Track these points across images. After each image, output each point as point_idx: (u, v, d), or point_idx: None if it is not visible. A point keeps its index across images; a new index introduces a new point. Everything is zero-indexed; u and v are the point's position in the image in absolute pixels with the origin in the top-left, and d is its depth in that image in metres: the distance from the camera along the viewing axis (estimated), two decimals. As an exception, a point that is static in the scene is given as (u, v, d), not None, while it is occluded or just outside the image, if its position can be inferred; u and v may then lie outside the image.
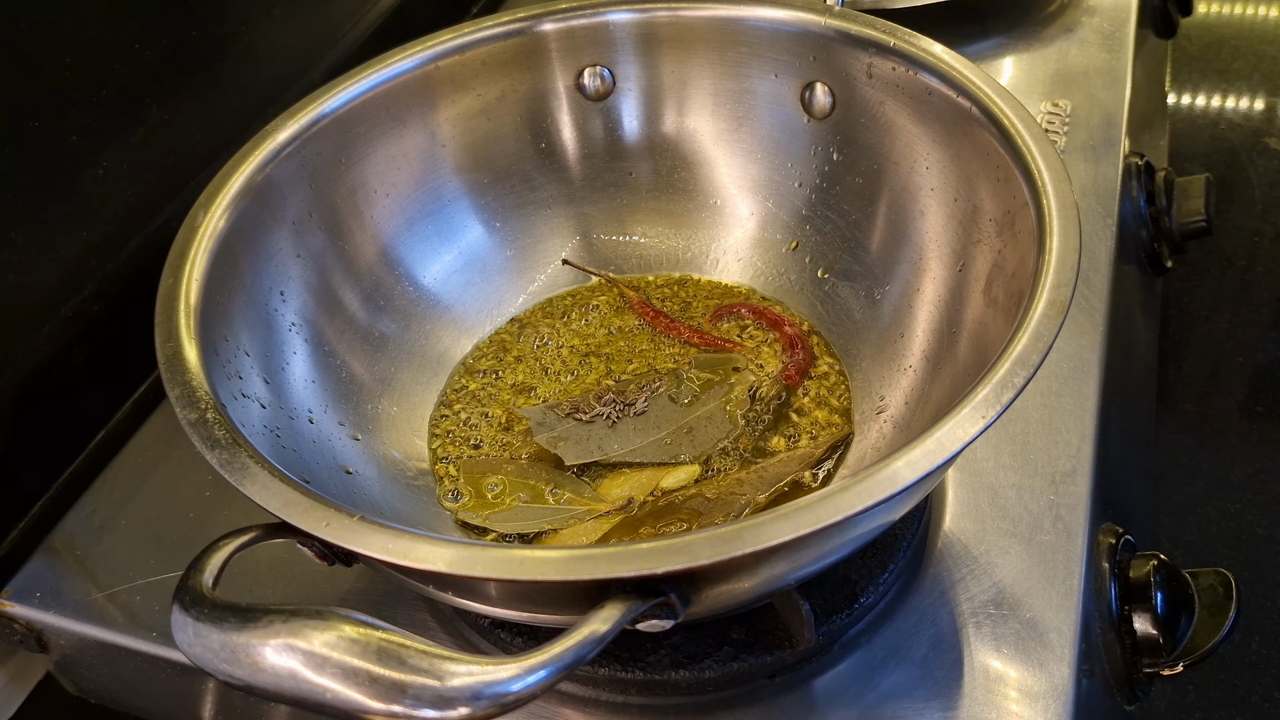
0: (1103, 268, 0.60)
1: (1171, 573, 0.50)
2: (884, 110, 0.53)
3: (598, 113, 0.61)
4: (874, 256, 0.55)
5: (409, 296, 0.57)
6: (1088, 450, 0.51)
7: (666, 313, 0.59)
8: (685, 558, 0.30)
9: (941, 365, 0.48)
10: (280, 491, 0.35)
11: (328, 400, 0.50)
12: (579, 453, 0.51)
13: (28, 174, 0.51)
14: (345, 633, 0.29)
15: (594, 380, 0.56)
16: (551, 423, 0.53)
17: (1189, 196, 0.74)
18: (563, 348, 0.58)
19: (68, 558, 0.53)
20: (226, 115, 0.63)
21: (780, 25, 0.55)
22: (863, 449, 0.50)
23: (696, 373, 0.55)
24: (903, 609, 0.46)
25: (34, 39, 0.50)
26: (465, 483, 0.51)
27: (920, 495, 0.44)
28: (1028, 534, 0.48)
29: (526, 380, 0.56)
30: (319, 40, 0.71)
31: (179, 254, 0.45)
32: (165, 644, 0.49)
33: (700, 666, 0.43)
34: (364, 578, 0.50)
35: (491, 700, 0.28)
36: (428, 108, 0.57)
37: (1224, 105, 1.24)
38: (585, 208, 0.62)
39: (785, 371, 0.54)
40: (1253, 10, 1.38)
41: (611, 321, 0.59)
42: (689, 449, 0.51)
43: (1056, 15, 0.80)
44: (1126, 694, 0.50)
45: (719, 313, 0.59)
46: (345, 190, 0.55)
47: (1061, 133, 0.69)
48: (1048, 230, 0.40)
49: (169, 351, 0.40)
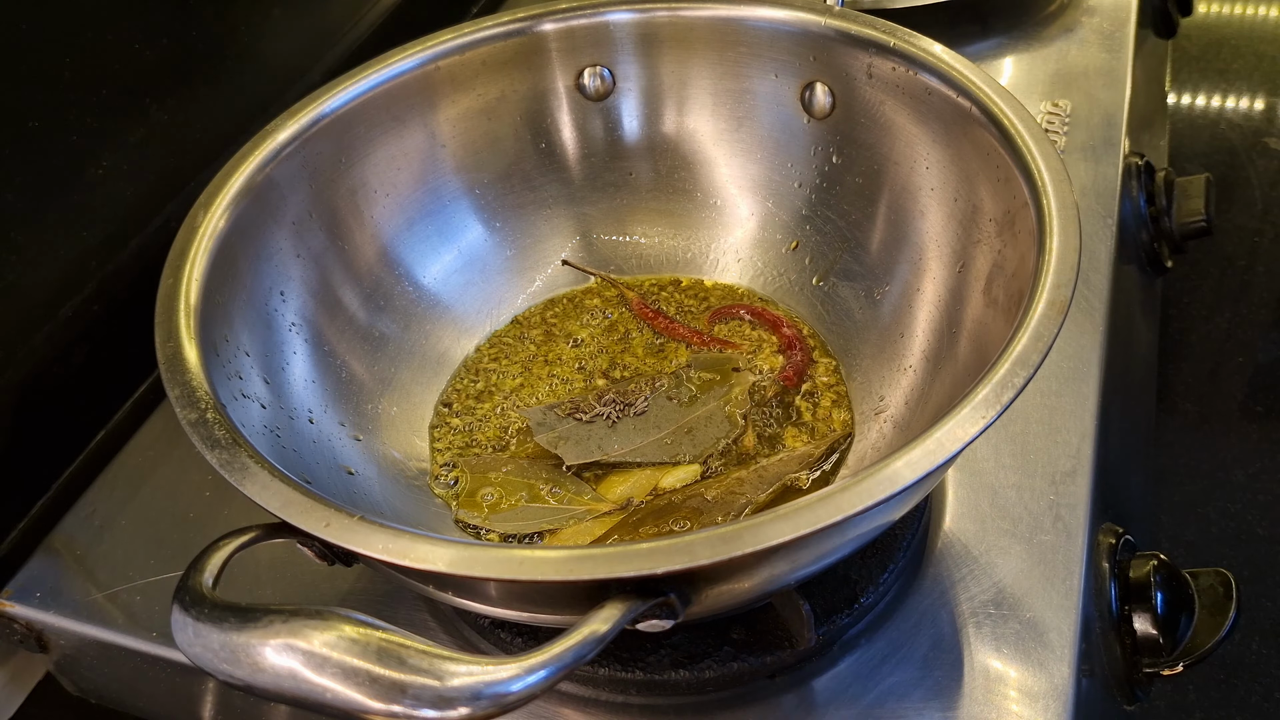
0: (1103, 268, 0.60)
1: (1171, 573, 0.50)
2: (884, 110, 0.53)
3: (598, 113, 0.61)
4: (874, 256, 0.55)
5: (409, 296, 0.57)
6: (1088, 450, 0.51)
7: (665, 313, 0.59)
8: (685, 558, 0.30)
9: (941, 365, 0.48)
10: (280, 491, 0.35)
11: (328, 400, 0.50)
12: (579, 452, 0.51)
13: (28, 174, 0.51)
14: (345, 633, 0.29)
15: (594, 380, 0.56)
16: (552, 423, 0.53)
17: (1189, 196, 0.74)
18: (563, 348, 0.58)
19: (68, 558, 0.53)
20: (226, 115, 0.63)
21: (780, 25, 0.55)
22: (863, 449, 0.50)
23: (696, 373, 0.55)
24: (903, 609, 0.46)
25: (34, 39, 0.50)
26: (465, 484, 0.51)
27: (920, 495, 0.44)
28: (1028, 534, 0.48)
29: (526, 380, 0.56)
30: (319, 40, 0.71)
31: (179, 254, 0.45)
32: (165, 644, 0.49)
33: (700, 666, 0.43)
34: (364, 578, 0.50)
35: (491, 700, 0.28)
36: (428, 108, 0.57)
37: (1224, 105, 1.24)
38: (585, 208, 0.62)
39: (783, 373, 0.54)
40: (1253, 10, 1.38)
41: (611, 322, 0.59)
42: (689, 448, 0.51)
43: (1056, 15, 0.80)
44: (1126, 694, 0.50)
45: (718, 314, 0.59)
46: (345, 190, 0.55)
47: (1061, 133, 0.69)
48: (1048, 230, 0.40)
49: (169, 351, 0.40)
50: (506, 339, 0.59)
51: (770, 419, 0.53)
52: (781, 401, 0.53)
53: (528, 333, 0.59)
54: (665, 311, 0.59)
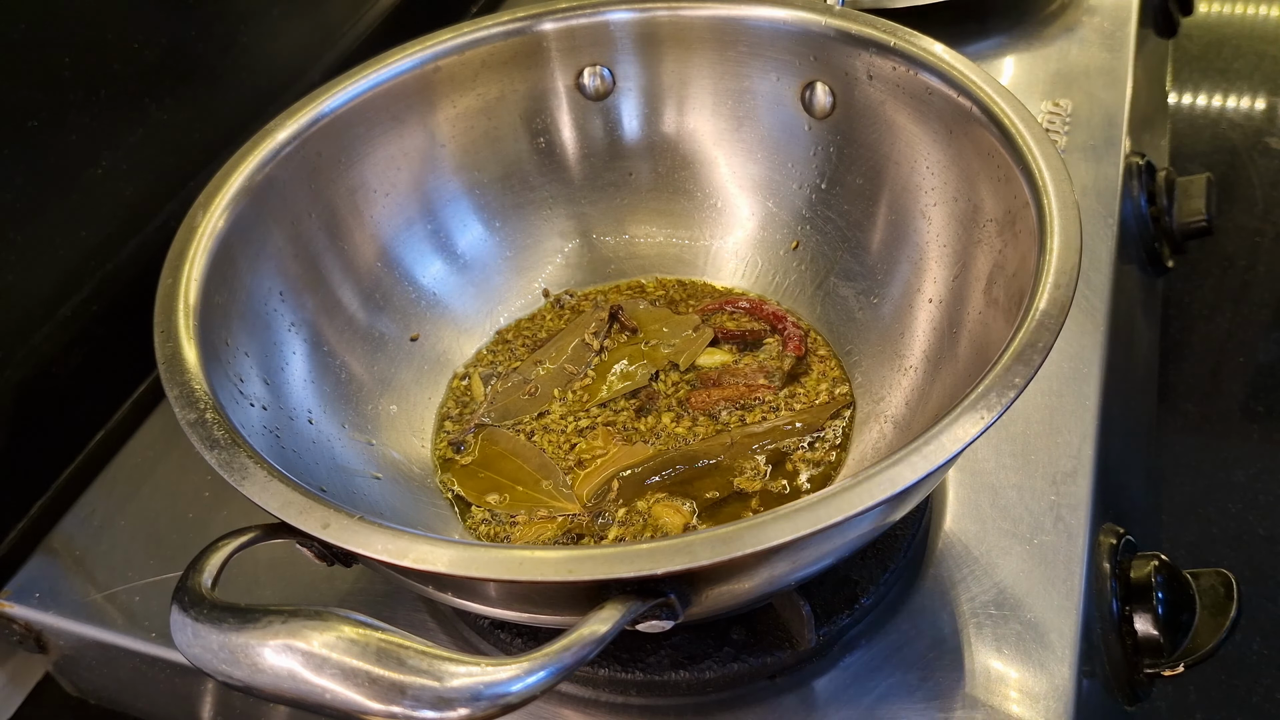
0: (1104, 267, 0.60)
1: (1172, 573, 0.50)
2: (884, 110, 0.53)
3: (598, 112, 0.61)
4: (874, 256, 0.55)
5: (409, 296, 0.57)
6: (1089, 450, 0.51)
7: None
8: (685, 558, 0.30)
9: (942, 365, 0.48)
10: (279, 492, 0.35)
11: (327, 400, 0.50)
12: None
13: (27, 174, 0.51)
14: (344, 633, 0.29)
15: (594, 380, 0.56)
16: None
17: (1190, 196, 0.74)
18: (563, 348, 0.58)
19: (67, 558, 0.53)
20: (226, 115, 0.63)
21: (780, 25, 0.55)
22: (863, 449, 0.50)
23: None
24: (903, 610, 0.46)
25: (34, 39, 0.50)
26: (472, 452, 0.52)
27: (920, 496, 0.44)
28: (1028, 534, 0.48)
29: (527, 380, 0.56)
30: (319, 40, 0.71)
31: (178, 254, 0.45)
32: (164, 644, 0.49)
33: (700, 667, 0.43)
34: (363, 578, 0.50)
35: (491, 701, 0.28)
36: (427, 108, 0.57)
37: (1225, 105, 1.24)
38: (585, 208, 0.62)
39: (793, 345, 0.55)
40: (1254, 10, 1.38)
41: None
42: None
43: (1057, 15, 0.80)
44: (1127, 695, 0.50)
45: (711, 310, 0.58)
46: (345, 190, 0.54)
47: (1062, 132, 0.69)
48: (1048, 230, 0.40)
49: (168, 351, 0.40)
50: (507, 338, 0.59)
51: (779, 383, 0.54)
52: (791, 374, 0.54)
53: (528, 332, 0.59)
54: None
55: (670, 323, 0.58)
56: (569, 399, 0.55)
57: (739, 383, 0.53)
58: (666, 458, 0.50)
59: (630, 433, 0.53)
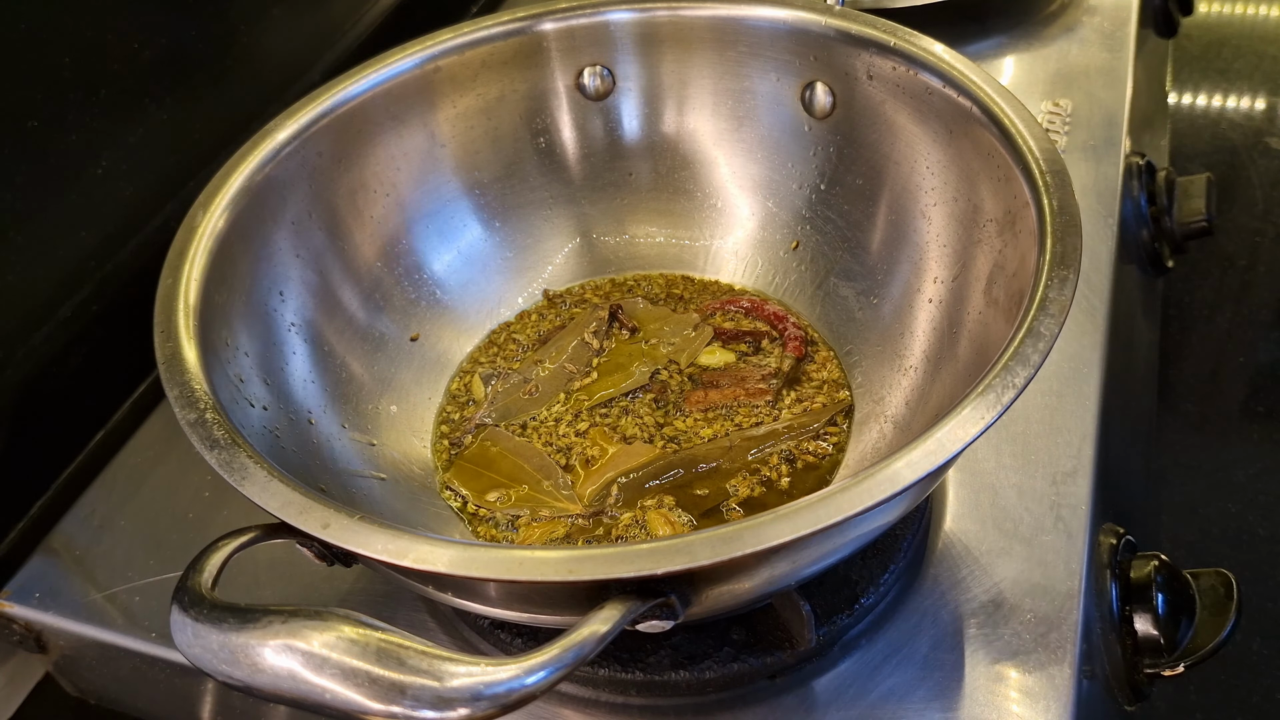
0: (1104, 267, 0.60)
1: (1172, 573, 0.50)
2: (884, 110, 0.53)
3: (598, 112, 0.61)
4: (874, 256, 0.55)
5: (409, 296, 0.57)
6: (1089, 450, 0.51)
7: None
8: (685, 558, 0.30)
9: (942, 365, 0.48)
10: (279, 492, 0.34)
11: (327, 400, 0.50)
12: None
13: (28, 174, 0.51)
14: (344, 633, 0.29)
15: (594, 379, 0.56)
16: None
17: (1190, 196, 0.74)
18: (563, 347, 0.58)
19: (67, 558, 0.53)
20: (226, 115, 0.63)
21: (780, 25, 0.55)
22: (863, 449, 0.50)
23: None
24: (903, 609, 0.46)
25: (33, 39, 0.50)
26: (471, 448, 0.53)
27: (920, 496, 0.44)
28: (1029, 534, 0.48)
29: (527, 380, 0.56)
30: (319, 40, 0.71)
31: (178, 254, 0.45)
32: (164, 644, 0.49)
33: (700, 667, 0.43)
34: (363, 578, 0.50)
35: (491, 701, 0.28)
36: (427, 107, 0.57)
37: (1225, 105, 1.24)
38: (585, 208, 0.62)
39: (794, 346, 0.55)
40: (1254, 10, 1.38)
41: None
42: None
43: (1057, 15, 0.80)
44: (1127, 695, 0.50)
45: (712, 308, 0.58)
46: (345, 190, 0.54)
47: (1062, 132, 0.69)
48: (1048, 230, 0.40)
49: (168, 351, 0.40)
50: (507, 337, 0.59)
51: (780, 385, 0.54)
52: (790, 377, 0.54)
53: (528, 331, 0.59)
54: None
55: (670, 322, 0.58)
56: (569, 399, 0.55)
57: (736, 386, 0.53)
58: (666, 461, 0.50)
59: (632, 421, 0.53)
